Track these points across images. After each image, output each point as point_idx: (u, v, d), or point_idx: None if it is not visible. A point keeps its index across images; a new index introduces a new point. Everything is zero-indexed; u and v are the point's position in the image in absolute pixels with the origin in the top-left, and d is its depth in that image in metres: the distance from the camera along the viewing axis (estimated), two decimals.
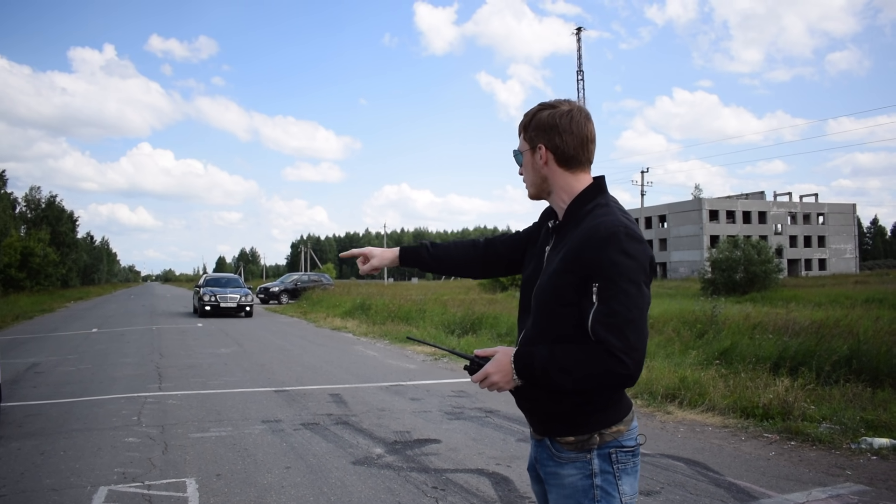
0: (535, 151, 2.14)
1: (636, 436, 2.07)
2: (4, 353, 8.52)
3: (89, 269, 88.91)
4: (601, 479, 2.01)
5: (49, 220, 60.56)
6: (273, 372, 11.20)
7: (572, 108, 2.12)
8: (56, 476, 5.51)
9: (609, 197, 2.10)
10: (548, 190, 2.17)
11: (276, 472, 5.59)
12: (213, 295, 25.81)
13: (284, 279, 42.44)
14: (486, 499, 4.92)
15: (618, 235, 1.90)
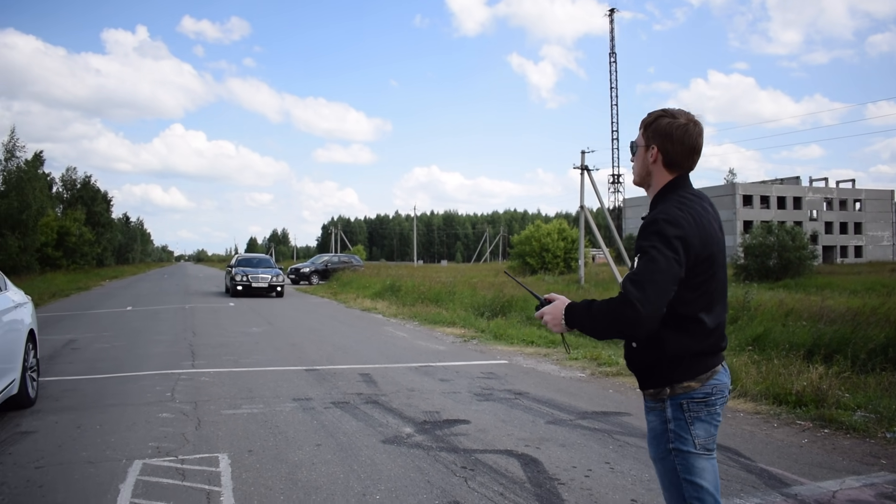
0: (648, 149, 2.58)
1: (712, 389, 2.47)
2: (42, 329, 8.70)
3: (124, 249, 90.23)
4: (674, 424, 2.47)
5: (84, 200, 61.44)
6: (304, 351, 11.31)
7: (689, 121, 2.53)
8: (92, 449, 5.62)
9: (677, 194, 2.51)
10: (648, 182, 2.62)
11: (306, 449, 5.65)
12: (245, 275, 26.05)
13: (315, 260, 42.75)
14: (515, 479, 4.93)
15: (657, 221, 2.39)
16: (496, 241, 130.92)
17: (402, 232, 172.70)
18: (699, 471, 2.45)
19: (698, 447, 2.46)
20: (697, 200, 2.52)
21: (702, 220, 2.46)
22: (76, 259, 50.21)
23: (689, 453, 2.46)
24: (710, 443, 2.48)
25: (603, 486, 4.76)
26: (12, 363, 6.66)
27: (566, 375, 9.27)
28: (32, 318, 7.74)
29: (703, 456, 2.46)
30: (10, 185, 39.05)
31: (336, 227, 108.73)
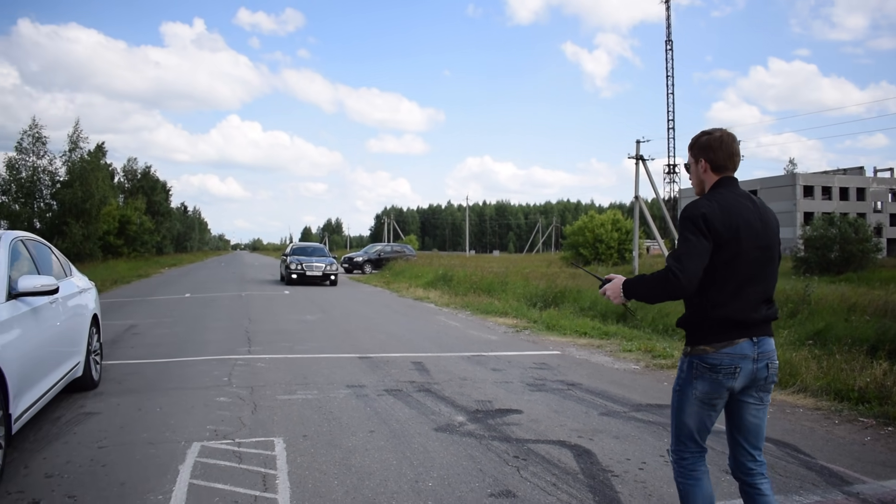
0: (698, 163, 3.27)
1: (722, 357, 3.05)
2: (105, 314, 8.95)
3: (182, 238, 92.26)
4: (686, 374, 3.16)
5: (144, 189, 62.98)
6: (357, 339, 11.41)
7: (723, 134, 3.24)
8: (152, 430, 5.77)
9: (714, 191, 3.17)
10: (704, 189, 3.27)
11: (360, 435, 5.71)
12: (300, 264, 26.36)
13: (368, 249, 43.07)
14: (568, 470, 4.90)
15: (686, 211, 3.10)
16: (549, 231, 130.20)
17: (454, 222, 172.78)
18: (686, 413, 3.17)
19: (694, 398, 3.13)
20: (733, 196, 3.14)
21: (730, 210, 3.07)
22: (137, 247, 51.52)
23: (685, 397, 3.17)
24: (709, 399, 3.11)
25: (657, 480, 4.70)
26: (77, 346, 6.86)
27: (620, 367, 9.17)
28: (96, 303, 7.96)
29: (696, 405, 3.14)
30: (75, 175, 40.22)
31: (389, 217, 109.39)
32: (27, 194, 38.76)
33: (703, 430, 3.19)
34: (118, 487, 4.44)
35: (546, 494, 4.42)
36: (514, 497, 4.38)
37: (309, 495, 4.35)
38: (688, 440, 3.20)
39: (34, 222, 38.25)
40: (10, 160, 38.47)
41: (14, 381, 4.78)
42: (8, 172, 38.13)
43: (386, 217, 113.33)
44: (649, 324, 12.74)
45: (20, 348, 5.05)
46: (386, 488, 4.50)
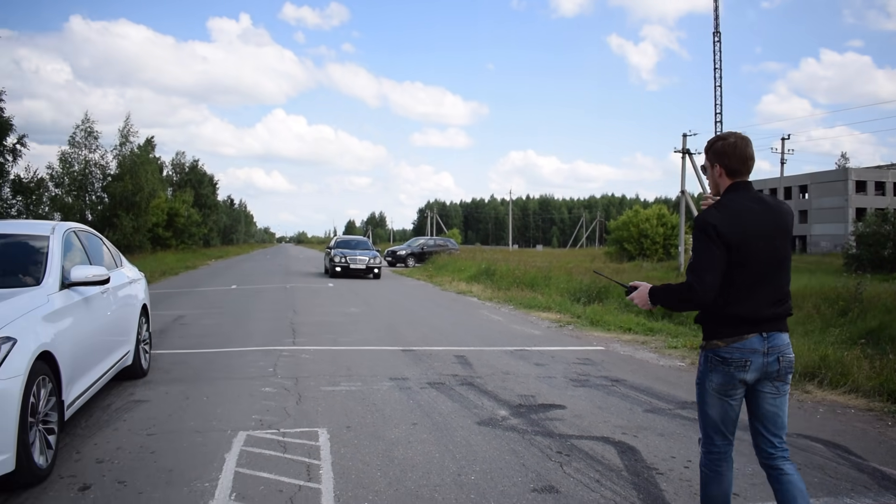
0: (713, 167, 3.39)
1: (733, 351, 3.22)
2: (153, 305, 9.12)
3: (228, 230, 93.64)
4: (703, 367, 3.38)
5: (192, 183, 64.05)
6: (400, 332, 11.46)
7: (737, 139, 3.34)
8: (199, 419, 5.86)
9: (724, 198, 3.33)
10: (720, 191, 3.39)
11: (403, 427, 5.72)
12: (344, 256, 26.56)
13: (411, 243, 43.24)
14: (612, 467, 4.85)
15: (697, 222, 3.28)
16: (592, 226, 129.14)
17: (497, 216, 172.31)
18: (708, 403, 3.36)
19: (711, 390, 3.32)
20: (743, 201, 3.27)
21: (739, 215, 3.21)
22: (184, 239, 52.45)
23: (705, 389, 3.36)
24: (724, 390, 3.29)
25: None
26: (127, 335, 7.01)
27: (665, 364, 9.05)
28: (145, 293, 8.12)
29: (715, 397, 3.32)
30: (125, 168, 41.04)
31: (432, 211, 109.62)
32: (79, 187, 39.67)
33: (728, 421, 3.36)
34: (166, 474, 4.52)
35: (589, 491, 4.39)
36: (558, 493, 4.35)
37: (352, 486, 4.37)
38: (713, 432, 3.39)
39: (86, 214, 39.15)
40: (64, 154, 39.42)
41: (67, 368, 4.90)
42: (61, 166, 39.08)
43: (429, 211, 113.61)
44: (695, 321, 12.55)
45: (73, 337, 5.17)
46: (428, 481, 4.50)
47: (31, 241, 5.82)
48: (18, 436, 4.01)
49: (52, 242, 5.71)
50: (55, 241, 5.76)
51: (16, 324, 4.34)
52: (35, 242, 5.78)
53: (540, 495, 4.29)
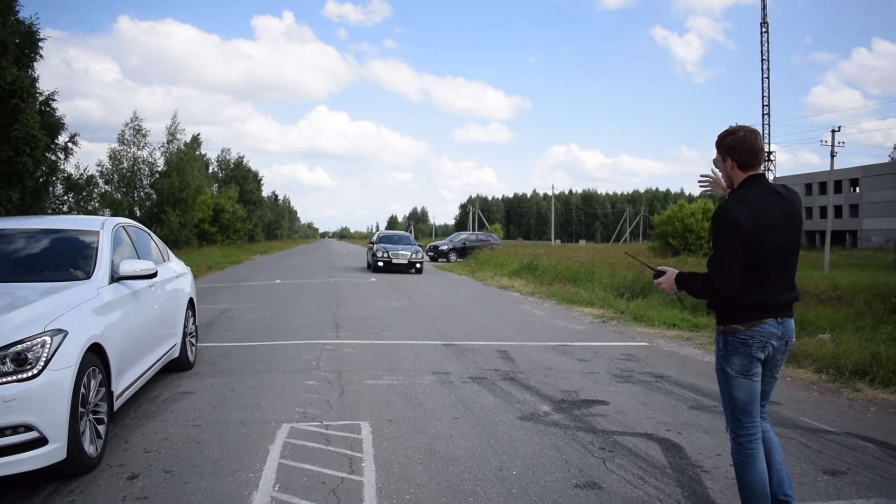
0: (725, 161, 3.56)
1: (753, 334, 3.42)
2: (200, 299, 9.27)
3: (273, 226, 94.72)
4: (723, 351, 3.54)
5: (237, 179, 64.89)
6: (442, 326, 11.47)
7: (746, 133, 3.51)
8: (244, 411, 5.95)
9: (742, 191, 3.47)
10: (733, 184, 3.56)
11: (444, 421, 5.73)
12: (386, 251, 26.66)
13: (453, 238, 43.23)
14: (655, 464, 4.80)
15: (716, 215, 3.45)
16: (636, 220, 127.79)
17: (539, 211, 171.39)
18: (734, 387, 3.50)
19: (735, 373, 3.48)
20: (760, 194, 3.43)
21: (758, 209, 3.36)
22: (230, 234, 53.17)
23: (728, 373, 3.51)
24: (746, 371, 3.47)
25: None
26: (174, 328, 7.14)
27: (710, 360, 8.91)
28: (191, 287, 8.25)
29: (739, 378, 3.48)
30: (172, 165, 41.77)
31: (474, 206, 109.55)
32: (128, 184, 40.46)
33: (754, 400, 3.51)
34: (211, 464, 4.59)
35: (632, 487, 4.34)
36: (600, 489, 4.31)
37: (394, 479, 4.39)
38: (741, 415, 3.52)
39: (135, 210, 39.93)
40: (113, 151, 40.28)
41: (116, 360, 5.00)
42: (111, 163, 39.93)
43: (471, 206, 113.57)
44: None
45: (121, 329, 5.28)
46: (470, 475, 4.50)
47: (82, 236, 5.96)
48: (70, 425, 4.12)
49: (101, 237, 5.84)
50: (104, 236, 5.89)
51: (67, 316, 4.45)
52: (85, 237, 5.91)
53: (582, 491, 4.26)
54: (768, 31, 66.36)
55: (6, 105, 22.74)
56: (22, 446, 3.87)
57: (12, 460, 3.83)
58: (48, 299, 4.65)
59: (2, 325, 4.12)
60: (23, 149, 22.65)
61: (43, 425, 3.94)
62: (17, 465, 3.85)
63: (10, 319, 4.21)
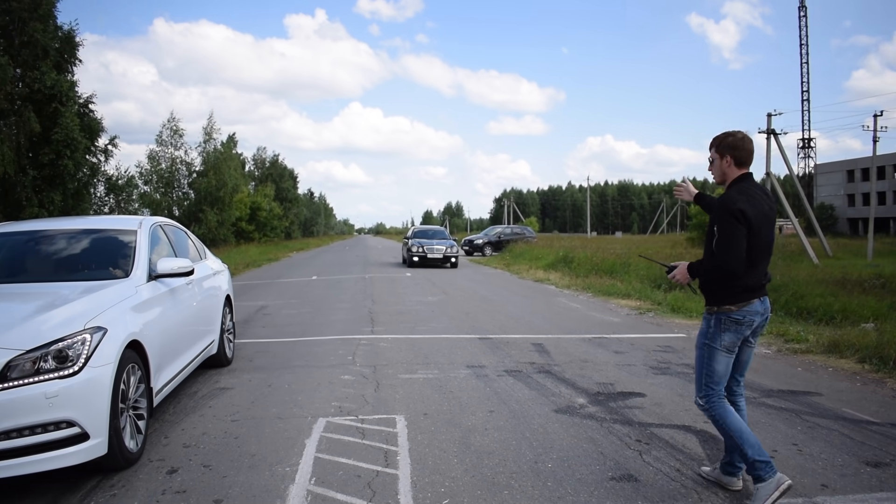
0: (723, 158, 4.01)
1: (744, 314, 3.93)
2: (237, 296, 9.39)
3: (309, 223, 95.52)
4: (714, 329, 3.99)
5: (273, 177, 65.57)
6: (477, 320, 11.46)
7: (743, 135, 4.02)
8: (281, 406, 6.01)
9: (740, 185, 3.95)
10: (725, 180, 4.02)
11: (479, 414, 5.73)
12: (421, 246, 26.72)
13: (488, 232, 43.16)
14: (693, 456, 4.75)
15: (725, 204, 3.83)
16: (673, 211, 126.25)
17: (574, 203, 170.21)
18: (716, 360, 4.00)
19: (722, 347, 3.97)
20: (754, 190, 3.93)
21: (756, 203, 3.84)
22: (266, 232, 53.75)
23: (714, 349, 3.99)
24: (732, 347, 3.99)
25: (789, 469, 4.47)
26: (212, 325, 7.23)
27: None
28: (229, 284, 8.35)
29: (723, 353, 3.98)
30: (209, 164, 42.36)
31: (508, 199, 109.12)
32: (166, 184, 41.11)
33: (726, 375, 4.04)
34: (249, 459, 4.65)
35: (670, 480, 4.30)
36: (637, 481, 4.28)
37: (429, 472, 4.40)
38: (715, 385, 4.01)
39: (173, 210, 40.56)
40: (152, 152, 40.94)
41: (154, 356, 5.08)
42: (150, 164, 40.60)
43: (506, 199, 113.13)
44: (782, 306, 12.14)
45: (160, 326, 5.36)
46: (505, 468, 4.50)
47: (120, 235, 6.07)
48: (110, 421, 4.20)
49: (139, 237, 5.94)
50: (142, 235, 5.99)
51: (106, 314, 4.53)
52: (124, 237, 6.02)
53: (618, 483, 4.23)
54: (807, 15, 65.14)
55: (47, 109, 23.22)
56: (64, 442, 3.95)
57: (55, 455, 3.92)
58: (88, 298, 4.74)
59: (43, 323, 4.22)
60: (64, 151, 23.13)
61: (84, 421, 4.02)
62: (59, 459, 3.94)
63: (52, 318, 4.30)
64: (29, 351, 3.94)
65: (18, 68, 23.45)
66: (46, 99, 23.08)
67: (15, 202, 22.64)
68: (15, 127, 22.64)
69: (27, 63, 23.37)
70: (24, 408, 3.82)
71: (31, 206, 22.47)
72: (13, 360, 3.87)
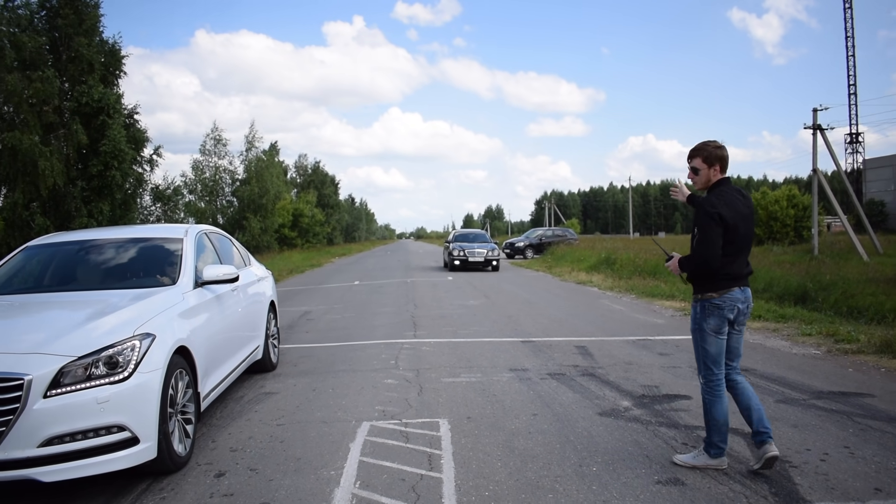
0: (711, 167, 4.51)
1: (725, 300, 4.40)
2: (281, 302, 9.50)
3: (350, 228, 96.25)
4: (700, 315, 4.49)
5: (315, 184, 66.26)
6: (519, 323, 11.43)
7: (722, 145, 4.53)
8: (325, 410, 6.06)
9: (720, 188, 4.47)
10: (709, 186, 4.53)
11: (523, 418, 5.71)
12: (462, 250, 26.72)
13: (529, 234, 42.96)
14: (740, 458, 4.67)
15: (703, 207, 4.37)
16: None
17: (616, 204, 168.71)
18: (708, 343, 4.47)
19: (709, 331, 4.44)
20: (732, 193, 4.45)
21: (733, 204, 4.37)
22: (309, 238, 54.33)
23: (705, 331, 4.47)
24: (718, 329, 4.44)
25: (841, 472, 4.37)
26: (257, 331, 7.33)
27: (798, 352, 8.61)
28: (273, 290, 8.46)
29: (712, 336, 4.45)
30: (252, 173, 42.98)
31: (549, 201, 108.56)
32: (211, 192, 41.85)
33: (721, 354, 4.49)
34: (294, 462, 4.70)
35: (717, 484, 4.24)
36: (683, 485, 4.22)
37: (473, 476, 4.40)
38: (712, 364, 4.49)
39: (217, 218, 41.23)
40: (196, 162, 41.73)
41: (201, 362, 5.17)
42: (194, 173, 41.35)
43: (546, 201, 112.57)
44: (831, 306, 11.89)
45: (206, 332, 5.45)
46: (549, 471, 4.47)
47: (167, 244, 6.19)
48: (159, 425, 4.28)
49: (185, 245, 6.05)
50: (188, 243, 6.10)
51: (155, 321, 4.63)
52: (170, 245, 6.14)
53: (664, 487, 4.18)
54: (852, 6, 63.68)
55: (94, 121, 23.80)
56: (115, 446, 4.04)
57: (106, 459, 4.00)
58: (137, 305, 4.85)
59: (94, 330, 4.32)
60: (111, 163, 23.68)
61: (134, 425, 4.10)
62: (110, 463, 4.02)
63: (102, 325, 4.40)
64: (81, 357, 4.04)
65: (66, 82, 24.10)
66: (94, 112, 23.68)
67: (65, 213, 23.25)
68: (64, 140, 23.28)
69: (74, 77, 24.02)
70: (76, 412, 3.91)
71: (81, 217, 23.06)
72: (66, 367, 3.97)
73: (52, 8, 24.19)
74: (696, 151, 4.52)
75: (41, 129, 22.31)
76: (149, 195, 28.04)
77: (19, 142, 21.25)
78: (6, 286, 5.71)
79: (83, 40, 23.86)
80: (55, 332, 4.29)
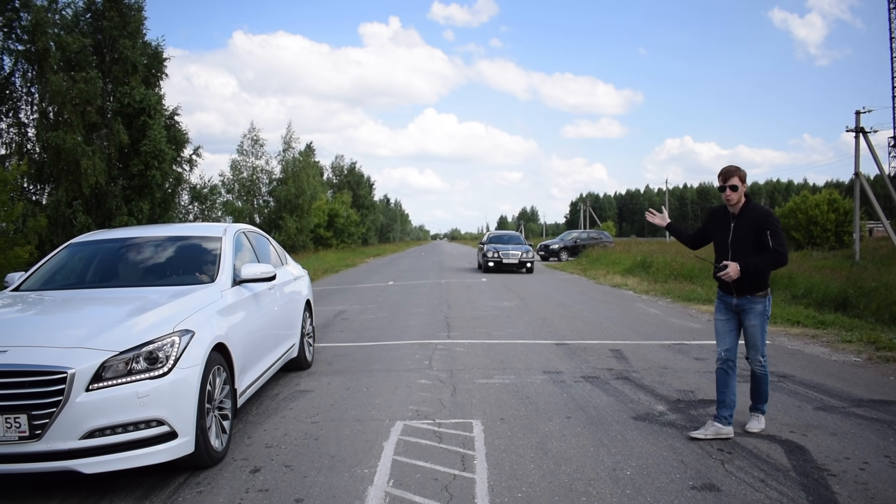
0: (743, 185, 5.19)
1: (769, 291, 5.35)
2: (316, 301, 9.59)
3: (385, 229, 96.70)
4: (768, 307, 5.36)
5: (350, 184, 66.72)
6: (553, 326, 11.39)
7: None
8: (359, 409, 6.11)
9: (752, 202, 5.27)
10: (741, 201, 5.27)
11: (556, 420, 5.70)
12: (496, 251, 26.67)
13: (564, 237, 42.75)
14: (778, 466, 4.61)
15: (771, 213, 5.22)
16: None
17: (652, 207, 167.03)
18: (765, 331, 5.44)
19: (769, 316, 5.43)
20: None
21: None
22: (344, 238, 54.70)
23: (767, 319, 5.40)
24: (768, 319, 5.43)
25: (881, 482, 4.29)
26: (292, 329, 7.40)
27: (838, 359, 8.47)
28: (308, 290, 8.53)
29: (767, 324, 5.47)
30: (288, 173, 43.40)
31: (584, 204, 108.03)
32: (248, 192, 42.35)
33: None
34: (329, 460, 4.74)
35: (753, 490, 4.18)
36: (718, 491, 4.18)
37: (506, 477, 4.40)
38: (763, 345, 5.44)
39: (254, 217, 41.70)
40: (233, 162, 42.26)
41: (238, 359, 5.24)
42: (232, 173, 41.89)
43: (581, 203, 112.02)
44: (873, 312, 11.66)
45: (243, 330, 5.53)
46: (583, 474, 4.46)
47: (206, 242, 6.28)
48: (197, 420, 4.35)
49: (223, 243, 6.14)
50: (227, 242, 6.19)
51: (194, 318, 4.70)
52: (209, 244, 6.23)
53: (699, 493, 4.15)
54: None
55: (136, 122, 24.24)
56: (154, 439, 4.12)
57: (146, 452, 4.08)
58: (176, 302, 4.93)
59: (135, 326, 4.41)
60: (152, 162, 24.10)
61: (173, 420, 4.18)
62: (150, 456, 4.10)
63: (143, 321, 4.49)
64: (122, 352, 4.12)
65: (109, 83, 24.57)
66: (136, 112, 24.12)
67: (106, 211, 23.70)
68: (106, 140, 23.73)
69: (117, 78, 24.48)
70: (117, 406, 3.99)
71: (122, 215, 23.49)
72: (108, 361, 4.06)
73: (96, 11, 24.70)
74: (731, 173, 5.19)
75: (84, 129, 22.76)
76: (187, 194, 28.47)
77: (63, 141, 21.70)
78: (50, 282, 5.85)
79: (127, 42, 24.31)
80: (97, 327, 4.38)
